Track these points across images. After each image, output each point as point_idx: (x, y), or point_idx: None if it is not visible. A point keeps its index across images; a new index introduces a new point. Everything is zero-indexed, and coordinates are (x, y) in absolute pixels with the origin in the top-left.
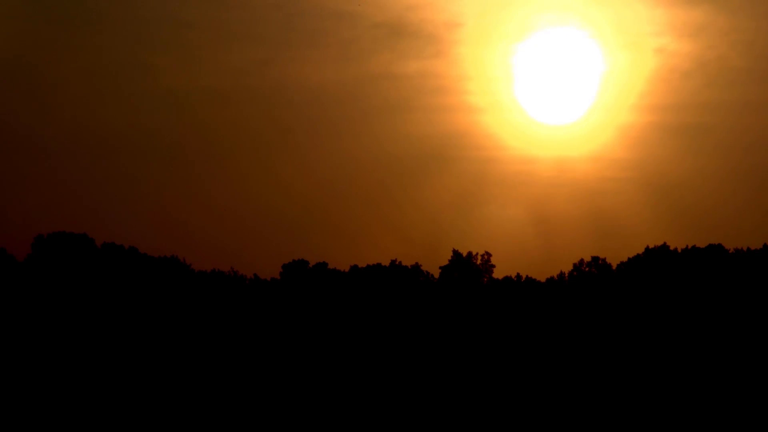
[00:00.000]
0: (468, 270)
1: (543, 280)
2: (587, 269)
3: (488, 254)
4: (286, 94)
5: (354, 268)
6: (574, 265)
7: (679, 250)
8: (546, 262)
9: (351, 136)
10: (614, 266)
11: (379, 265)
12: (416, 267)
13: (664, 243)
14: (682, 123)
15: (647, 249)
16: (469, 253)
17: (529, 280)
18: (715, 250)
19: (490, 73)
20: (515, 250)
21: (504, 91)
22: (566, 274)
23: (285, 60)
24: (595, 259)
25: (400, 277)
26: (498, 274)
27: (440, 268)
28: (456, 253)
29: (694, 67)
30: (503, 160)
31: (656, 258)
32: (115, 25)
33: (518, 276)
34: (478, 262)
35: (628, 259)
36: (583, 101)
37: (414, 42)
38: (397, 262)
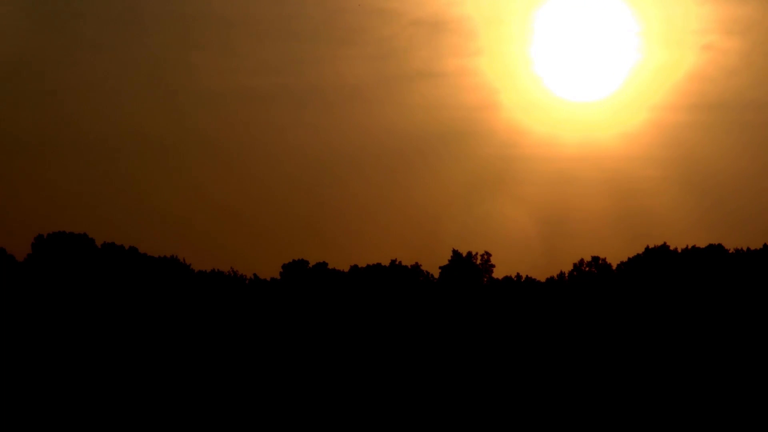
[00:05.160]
0: (468, 270)
1: (543, 279)
2: (587, 269)
3: (488, 254)
4: (317, 94)
5: (354, 268)
6: (574, 264)
7: (679, 250)
8: (551, 261)
9: (352, 133)
10: (614, 266)
11: (379, 265)
12: (416, 267)
13: (664, 243)
14: (724, 121)
15: (647, 249)
16: (469, 253)
17: (529, 280)
18: (715, 250)
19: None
20: (518, 248)
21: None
22: (566, 274)
23: (320, 58)
24: (595, 259)
25: (400, 277)
26: (498, 273)
27: (440, 268)
28: (456, 253)
29: (741, 65)
30: (516, 157)
31: (656, 258)
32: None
33: (518, 276)
34: (478, 261)
35: (628, 259)
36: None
37: (454, 39)
38: (397, 262)
